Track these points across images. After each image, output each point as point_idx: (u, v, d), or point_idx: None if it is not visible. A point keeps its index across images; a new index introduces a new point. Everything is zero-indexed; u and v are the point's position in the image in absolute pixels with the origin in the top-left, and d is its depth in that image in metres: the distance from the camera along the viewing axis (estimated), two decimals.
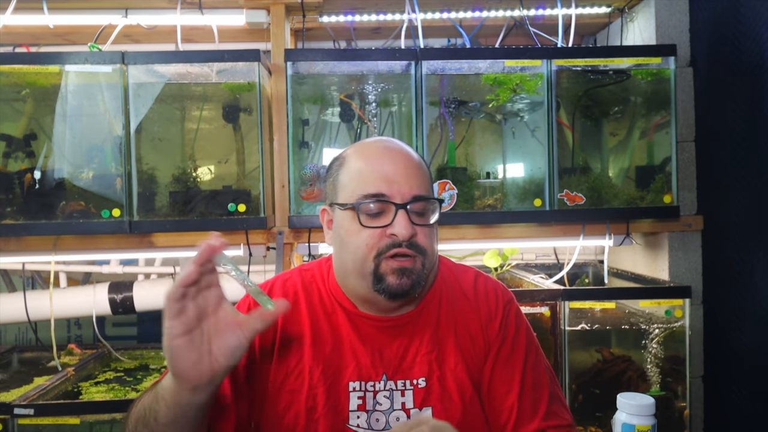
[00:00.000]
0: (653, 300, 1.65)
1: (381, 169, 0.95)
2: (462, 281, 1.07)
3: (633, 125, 1.82)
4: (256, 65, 1.64)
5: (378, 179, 0.94)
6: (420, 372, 0.98)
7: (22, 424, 1.49)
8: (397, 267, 0.92)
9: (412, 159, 0.98)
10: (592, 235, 1.76)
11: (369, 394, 0.97)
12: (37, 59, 1.65)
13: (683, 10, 1.85)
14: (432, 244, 0.96)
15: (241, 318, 0.77)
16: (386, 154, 0.97)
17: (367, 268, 0.93)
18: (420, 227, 0.94)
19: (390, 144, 1.00)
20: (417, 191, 0.94)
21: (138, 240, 1.71)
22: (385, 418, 0.97)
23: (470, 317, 1.03)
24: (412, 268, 0.93)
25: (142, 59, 1.62)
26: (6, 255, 1.76)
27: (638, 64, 1.71)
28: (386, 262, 0.93)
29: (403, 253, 0.92)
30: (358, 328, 1.00)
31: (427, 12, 1.93)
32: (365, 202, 0.93)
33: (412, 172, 0.96)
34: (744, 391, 1.69)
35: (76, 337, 2.44)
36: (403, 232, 0.91)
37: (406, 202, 0.93)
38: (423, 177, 0.97)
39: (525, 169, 1.79)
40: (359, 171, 0.96)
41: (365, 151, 0.99)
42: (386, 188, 0.93)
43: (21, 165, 1.67)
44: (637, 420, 0.87)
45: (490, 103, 1.74)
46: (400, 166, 0.95)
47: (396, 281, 0.92)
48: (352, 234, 0.95)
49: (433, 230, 0.97)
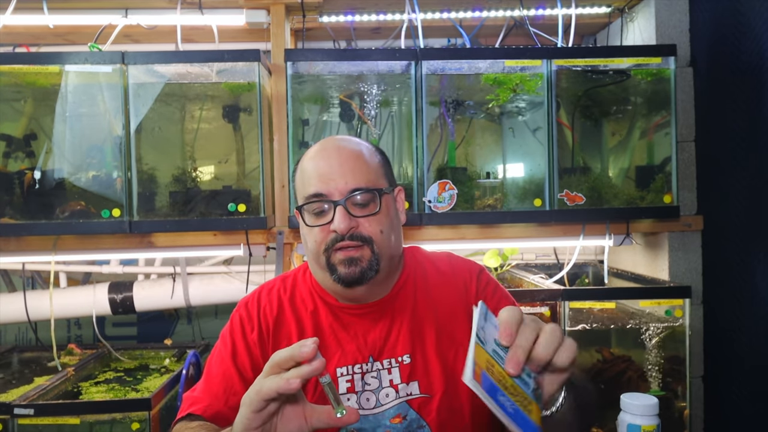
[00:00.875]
0: (653, 300, 1.65)
1: (317, 168, 0.99)
2: (437, 263, 1.14)
3: (633, 125, 1.82)
4: (256, 65, 1.64)
5: (315, 179, 0.99)
6: (403, 349, 1.03)
7: (22, 424, 1.48)
8: (343, 258, 0.98)
9: (348, 152, 1.01)
10: (592, 235, 1.76)
11: (357, 376, 1.02)
12: (37, 59, 1.65)
13: (683, 10, 1.85)
14: (379, 230, 0.99)
15: (308, 410, 0.76)
16: (321, 154, 1.01)
17: (321, 262, 1.00)
18: (363, 218, 0.98)
19: (327, 142, 1.04)
20: (354, 184, 0.98)
21: (138, 240, 1.71)
22: (375, 396, 1.02)
23: (448, 291, 1.09)
24: (359, 257, 0.98)
25: (142, 59, 1.62)
26: (6, 255, 1.76)
27: (638, 64, 1.71)
28: (334, 254, 0.98)
29: (345, 245, 0.97)
30: (340, 318, 1.06)
31: (427, 12, 1.93)
32: (306, 204, 0.99)
33: (347, 166, 0.99)
34: (744, 391, 1.69)
35: (76, 337, 2.44)
36: (341, 227, 0.96)
37: (344, 197, 0.97)
38: (363, 168, 1.00)
39: (525, 169, 1.79)
40: (302, 173, 1.02)
41: (308, 153, 1.04)
42: (323, 187, 0.98)
43: (21, 165, 1.68)
44: (641, 420, 0.88)
45: (490, 103, 1.73)
46: (333, 163, 0.99)
47: (345, 270, 0.98)
48: (306, 234, 1.02)
49: (381, 218, 1.00)
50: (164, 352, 2.02)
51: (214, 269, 2.06)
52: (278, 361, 0.71)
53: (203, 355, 1.95)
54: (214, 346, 1.10)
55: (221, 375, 1.03)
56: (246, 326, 1.06)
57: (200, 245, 1.74)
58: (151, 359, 2.00)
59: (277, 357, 0.71)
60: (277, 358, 0.71)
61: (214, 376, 1.04)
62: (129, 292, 1.98)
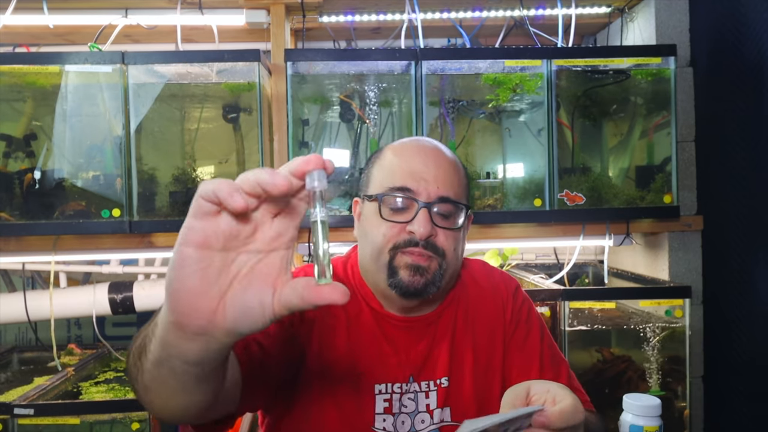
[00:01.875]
0: (653, 300, 1.65)
1: (411, 164, 0.94)
2: (475, 276, 1.09)
3: (633, 125, 1.82)
4: (256, 65, 1.64)
5: (406, 174, 0.93)
6: (443, 371, 0.98)
7: (22, 424, 1.49)
8: (411, 262, 0.91)
9: (446, 159, 0.96)
10: (592, 235, 1.76)
11: (395, 396, 0.96)
12: (37, 59, 1.65)
13: (683, 10, 1.85)
14: (453, 247, 0.94)
15: (281, 279, 0.52)
16: (419, 152, 0.96)
17: (382, 260, 0.93)
18: (442, 229, 0.92)
19: (426, 142, 0.99)
20: (444, 193, 0.93)
21: (138, 240, 1.71)
22: (410, 420, 0.96)
23: (487, 311, 1.04)
24: (427, 267, 0.91)
25: (142, 59, 1.62)
26: (6, 255, 1.76)
27: (638, 64, 1.71)
28: (401, 255, 0.92)
29: (418, 252, 0.91)
30: (384, 329, 0.99)
31: (427, 12, 1.93)
32: (389, 195, 0.93)
33: (442, 172, 0.94)
34: (744, 391, 1.69)
35: (76, 337, 2.44)
36: (421, 231, 0.90)
37: (431, 201, 0.92)
38: (455, 179, 0.96)
39: (525, 169, 1.79)
40: (390, 164, 0.96)
41: (400, 147, 0.98)
42: (413, 184, 0.92)
43: (21, 165, 1.67)
44: (644, 421, 0.88)
45: (489, 103, 1.73)
46: (430, 164, 0.94)
47: (408, 277, 0.91)
48: (373, 226, 0.94)
49: (458, 235, 0.95)
50: None
51: None
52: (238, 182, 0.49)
53: None
54: None
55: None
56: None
57: None
58: None
59: (240, 179, 0.49)
60: (238, 181, 0.49)
61: None
62: (129, 292, 1.97)
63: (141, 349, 0.62)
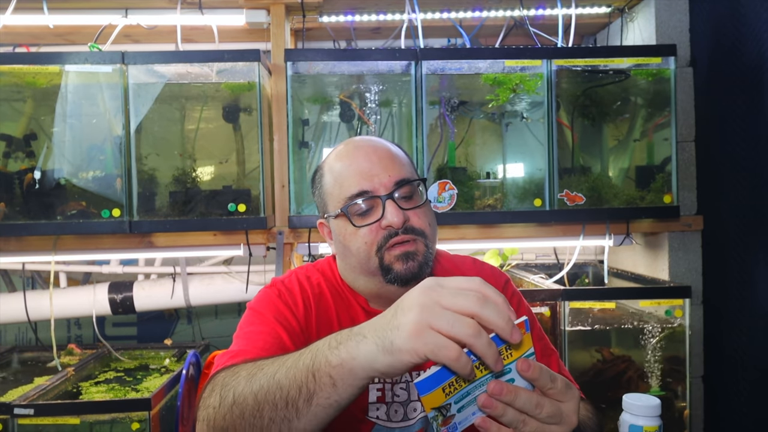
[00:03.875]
0: (653, 300, 1.65)
1: (356, 167, 0.95)
2: (462, 268, 1.11)
3: (633, 125, 1.82)
4: (256, 65, 1.64)
5: (356, 178, 0.95)
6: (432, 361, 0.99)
7: (22, 424, 1.48)
8: (400, 253, 0.92)
9: (384, 148, 0.99)
10: (592, 235, 1.76)
11: (387, 386, 0.98)
12: (37, 59, 1.65)
13: (683, 10, 1.85)
14: (427, 222, 0.96)
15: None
16: (358, 152, 0.98)
17: (372, 265, 0.94)
18: (411, 210, 0.94)
19: (359, 142, 1.01)
20: (397, 177, 0.95)
21: (138, 240, 1.71)
22: (403, 409, 0.98)
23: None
24: (415, 250, 0.93)
25: (142, 59, 1.62)
26: (6, 255, 1.76)
27: (638, 64, 1.71)
28: (389, 252, 0.93)
29: (401, 240, 0.93)
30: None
31: (427, 12, 1.93)
32: (351, 204, 0.94)
33: (387, 161, 0.96)
34: (744, 391, 1.69)
35: (76, 337, 2.44)
36: (395, 220, 0.91)
37: (390, 191, 0.94)
38: (400, 162, 0.98)
39: (525, 169, 1.79)
40: (338, 176, 0.97)
41: (338, 156, 1.00)
42: (367, 184, 0.94)
43: (21, 165, 1.68)
44: (643, 421, 0.87)
45: (489, 103, 1.73)
46: (373, 158, 0.96)
47: (403, 267, 0.92)
48: (350, 237, 0.95)
49: (426, 209, 0.98)
50: (164, 352, 2.02)
51: (214, 269, 2.06)
52: (496, 309, 0.58)
53: (203, 355, 1.95)
54: (240, 322, 0.96)
55: (267, 333, 0.92)
56: (287, 298, 0.98)
57: (200, 245, 1.74)
58: (151, 359, 2.00)
59: (499, 300, 0.59)
60: (498, 303, 0.59)
61: (257, 334, 0.92)
62: (129, 292, 1.97)
63: (276, 400, 0.64)
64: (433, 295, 0.59)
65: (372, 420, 0.96)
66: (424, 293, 0.60)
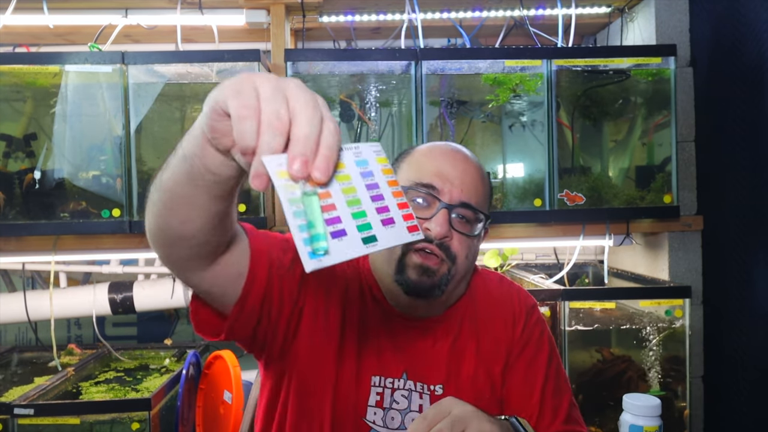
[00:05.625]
0: (653, 300, 1.65)
1: (439, 165, 0.95)
2: (487, 283, 1.08)
3: (633, 125, 1.82)
4: (256, 65, 1.64)
5: (433, 173, 0.94)
6: (437, 378, 0.97)
7: (22, 424, 1.48)
8: (419, 263, 0.90)
9: (473, 165, 0.97)
10: (592, 235, 1.76)
11: (387, 391, 0.96)
12: (37, 59, 1.65)
13: (683, 10, 1.85)
14: (465, 254, 0.93)
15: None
16: (449, 155, 0.97)
17: (394, 254, 0.92)
18: (457, 234, 0.92)
19: (456, 147, 1.00)
20: (467, 198, 0.93)
21: (138, 240, 1.71)
22: (401, 417, 0.95)
23: (495, 319, 1.02)
24: (436, 269, 0.91)
25: (142, 59, 1.62)
26: (6, 255, 1.76)
27: (638, 64, 1.71)
28: (412, 254, 0.91)
29: (430, 250, 0.90)
30: (385, 322, 0.98)
31: (427, 12, 1.93)
32: (414, 189, 0.93)
33: (468, 178, 0.95)
34: (744, 391, 1.69)
35: (76, 337, 2.44)
36: (438, 230, 0.89)
37: (453, 204, 0.92)
38: (479, 187, 0.96)
39: (525, 169, 1.79)
40: (418, 162, 0.97)
41: (431, 148, 1.00)
42: (438, 182, 0.93)
43: (21, 165, 1.68)
44: (643, 421, 0.88)
45: (490, 103, 1.74)
46: (458, 167, 0.95)
47: (416, 277, 0.91)
48: None
49: (472, 242, 0.95)
50: (164, 352, 2.02)
51: None
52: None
53: (203, 355, 1.95)
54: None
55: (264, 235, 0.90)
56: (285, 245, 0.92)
57: None
58: (151, 359, 2.00)
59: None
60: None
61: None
62: (129, 292, 1.97)
63: (162, 172, 0.70)
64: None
65: (368, 423, 0.95)
66: None
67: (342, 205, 0.55)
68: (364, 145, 0.61)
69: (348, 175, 0.57)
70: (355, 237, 0.55)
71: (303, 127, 0.51)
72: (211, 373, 1.74)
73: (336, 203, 0.55)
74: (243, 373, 1.67)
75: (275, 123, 0.51)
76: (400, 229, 0.59)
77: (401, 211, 0.60)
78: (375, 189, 0.59)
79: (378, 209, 0.58)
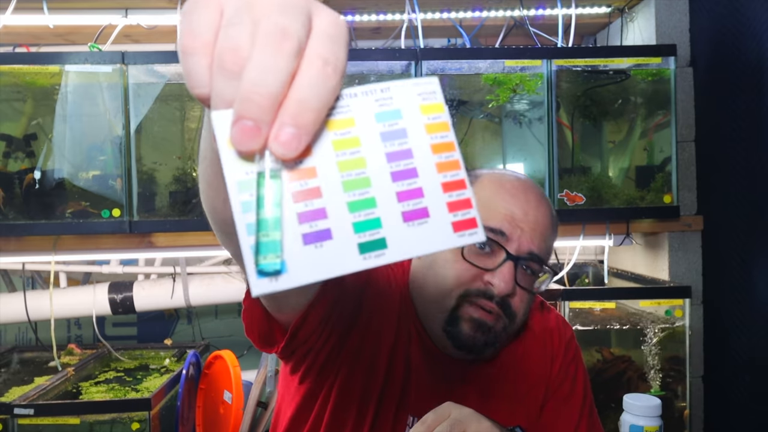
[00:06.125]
0: (653, 300, 1.65)
1: (510, 205, 0.84)
2: (531, 313, 0.99)
3: (633, 125, 1.82)
4: None
5: (503, 215, 0.83)
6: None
7: (22, 424, 1.48)
8: (477, 317, 0.82)
9: (546, 207, 0.87)
10: (592, 235, 1.76)
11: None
12: (37, 59, 1.65)
13: (683, 10, 1.85)
14: (524, 311, 0.86)
15: None
16: (522, 193, 0.85)
17: (446, 304, 0.83)
18: (521, 289, 0.83)
19: (529, 184, 0.89)
20: (537, 249, 0.83)
21: (138, 240, 1.71)
22: None
23: (537, 357, 0.96)
24: (492, 326, 0.83)
25: (142, 59, 1.62)
26: (6, 255, 1.76)
27: (638, 64, 1.71)
28: (468, 306, 0.82)
29: (488, 307, 0.82)
30: (428, 361, 0.89)
31: (427, 12, 1.93)
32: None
33: (541, 226, 0.84)
34: (744, 391, 1.69)
35: (76, 337, 2.44)
36: (502, 286, 0.80)
37: (521, 255, 0.82)
38: (550, 235, 0.87)
39: (525, 168, 1.79)
40: (489, 199, 0.85)
41: (500, 181, 0.87)
42: (508, 228, 0.82)
43: (21, 165, 1.68)
44: (644, 421, 0.88)
45: (490, 103, 1.73)
46: (531, 212, 0.84)
47: (469, 332, 0.82)
48: (447, 260, 0.83)
49: (531, 299, 0.87)
50: (164, 352, 2.02)
51: (214, 269, 2.06)
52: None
53: (203, 355, 1.95)
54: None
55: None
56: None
57: (200, 245, 1.74)
58: (151, 359, 2.00)
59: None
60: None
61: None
62: (129, 292, 1.97)
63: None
64: None
65: None
66: None
67: (334, 190, 0.35)
68: (401, 85, 0.38)
69: (356, 138, 0.36)
70: (346, 241, 0.35)
71: (253, 69, 0.32)
72: (211, 373, 1.74)
73: (323, 186, 0.35)
74: (243, 373, 1.67)
75: (228, 60, 0.33)
76: (437, 227, 0.37)
77: (447, 195, 0.37)
78: (404, 160, 0.37)
79: (401, 194, 0.36)
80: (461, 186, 0.38)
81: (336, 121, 0.36)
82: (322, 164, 0.35)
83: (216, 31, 0.33)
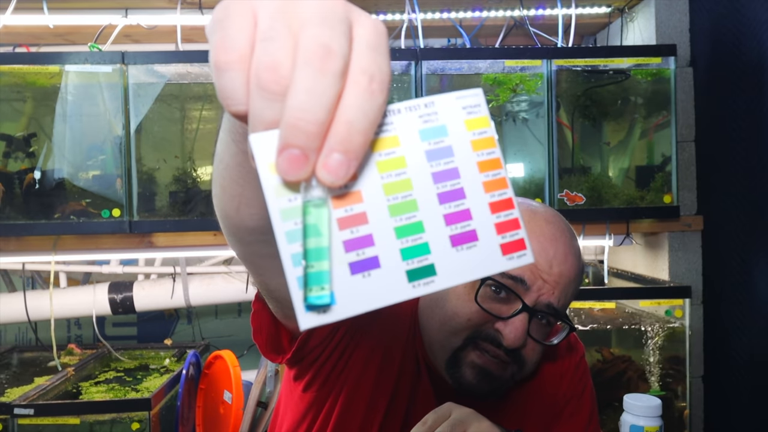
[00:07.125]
0: (653, 300, 1.65)
1: (537, 256, 0.77)
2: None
3: (633, 125, 1.82)
4: None
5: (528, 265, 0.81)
6: None
7: (22, 424, 1.48)
8: (480, 364, 0.78)
9: (575, 263, 0.81)
10: (592, 235, 1.76)
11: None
12: (37, 59, 1.65)
13: (683, 10, 1.85)
14: (536, 360, 0.81)
15: None
16: (552, 246, 0.79)
17: (452, 342, 0.79)
18: (533, 341, 0.79)
19: (562, 232, 0.82)
20: (555, 301, 0.78)
21: (138, 240, 1.71)
22: None
23: (544, 386, 0.93)
24: (498, 375, 0.79)
25: (142, 59, 1.62)
26: (6, 255, 1.76)
27: (638, 64, 1.71)
28: (473, 351, 0.78)
29: (495, 355, 0.78)
30: (434, 391, 0.87)
31: (427, 12, 1.93)
32: (498, 280, 0.76)
33: (565, 280, 0.78)
34: (744, 391, 1.69)
35: (76, 337, 2.44)
36: (511, 338, 0.75)
37: (537, 307, 0.77)
38: (571, 287, 0.81)
39: (525, 168, 1.79)
40: None
41: (533, 224, 0.81)
42: (530, 277, 0.77)
43: (21, 165, 1.68)
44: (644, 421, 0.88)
45: (489, 103, 1.74)
46: (556, 267, 0.78)
47: (472, 378, 0.78)
48: (459, 297, 0.78)
49: (543, 351, 0.83)
50: (164, 352, 2.02)
51: (214, 269, 2.06)
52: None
53: (203, 355, 1.95)
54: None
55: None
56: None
57: (200, 245, 1.74)
58: (151, 359, 2.00)
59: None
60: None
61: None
62: (129, 292, 1.97)
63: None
64: None
65: None
66: None
67: (380, 215, 0.33)
68: (445, 99, 0.37)
69: (401, 158, 0.34)
70: (394, 269, 0.33)
71: (299, 93, 0.30)
72: (211, 373, 1.74)
73: (369, 211, 0.33)
74: (243, 373, 1.67)
75: (268, 79, 0.30)
76: (487, 250, 0.35)
77: (495, 216, 0.36)
78: (451, 180, 0.35)
79: (449, 216, 0.35)
80: (509, 206, 0.36)
81: (380, 141, 0.34)
82: (367, 188, 0.33)
83: (251, 43, 0.31)
